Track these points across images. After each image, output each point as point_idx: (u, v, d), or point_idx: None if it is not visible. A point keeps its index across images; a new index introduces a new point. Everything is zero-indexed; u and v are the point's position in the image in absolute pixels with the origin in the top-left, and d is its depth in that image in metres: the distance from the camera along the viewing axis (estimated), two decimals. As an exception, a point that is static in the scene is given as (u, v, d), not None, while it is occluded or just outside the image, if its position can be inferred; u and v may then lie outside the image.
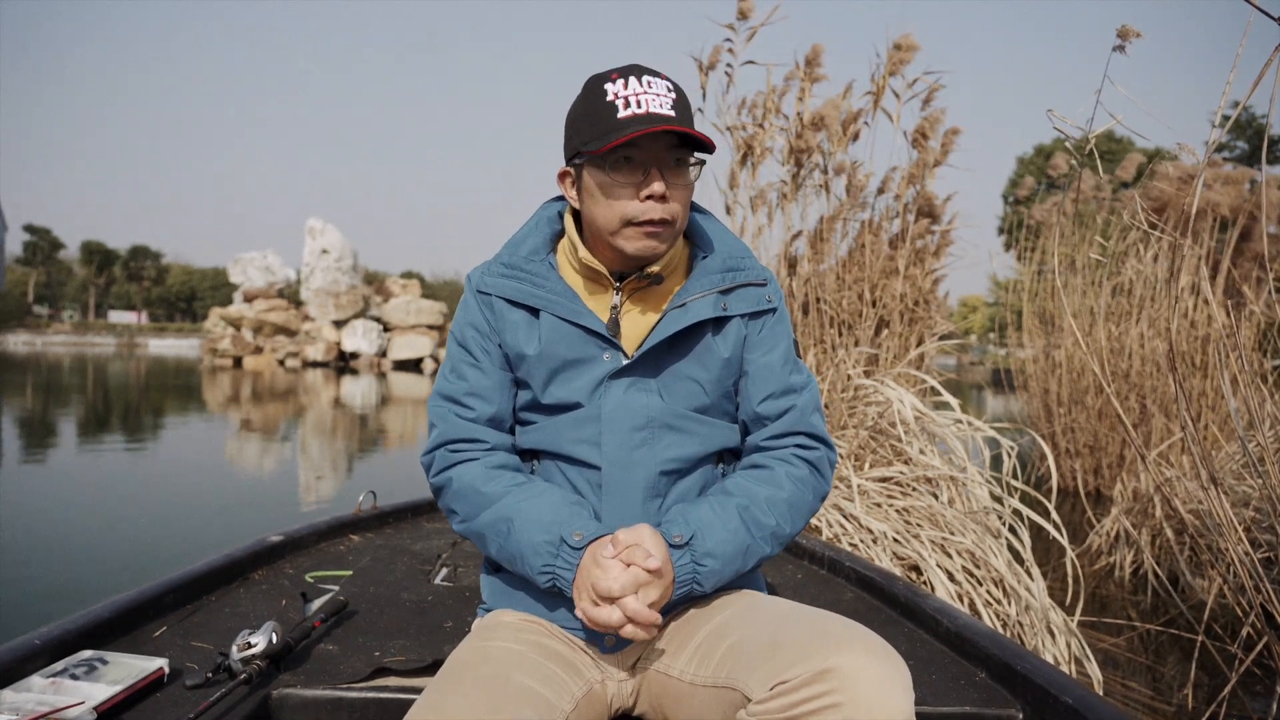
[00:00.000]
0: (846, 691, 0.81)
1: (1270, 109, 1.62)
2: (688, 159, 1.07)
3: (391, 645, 1.46)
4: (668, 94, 1.05)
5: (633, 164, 1.05)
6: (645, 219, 1.05)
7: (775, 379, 1.15)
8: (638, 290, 1.14)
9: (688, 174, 1.08)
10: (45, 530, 4.32)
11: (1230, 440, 4.29)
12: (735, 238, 1.22)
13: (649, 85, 1.04)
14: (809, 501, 1.14)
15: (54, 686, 1.15)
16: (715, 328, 1.14)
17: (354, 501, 2.38)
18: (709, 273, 1.14)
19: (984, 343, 16.25)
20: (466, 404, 1.14)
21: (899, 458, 3.43)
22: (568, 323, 1.11)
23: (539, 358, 1.12)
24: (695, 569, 1.02)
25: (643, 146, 1.04)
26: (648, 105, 1.02)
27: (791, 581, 2.01)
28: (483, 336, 1.15)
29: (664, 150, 1.05)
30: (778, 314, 1.18)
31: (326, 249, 28.22)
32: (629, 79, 1.05)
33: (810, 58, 4.29)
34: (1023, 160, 36.09)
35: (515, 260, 1.15)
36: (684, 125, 1.03)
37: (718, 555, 1.04)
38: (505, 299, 1.13)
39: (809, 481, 1.14)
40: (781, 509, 1.10)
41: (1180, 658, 2.81)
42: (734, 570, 1.06)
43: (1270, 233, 5.60)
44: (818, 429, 1.17)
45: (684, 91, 1.09)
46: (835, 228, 4.35)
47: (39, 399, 12.92)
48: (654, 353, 1.11)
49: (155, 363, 28.77)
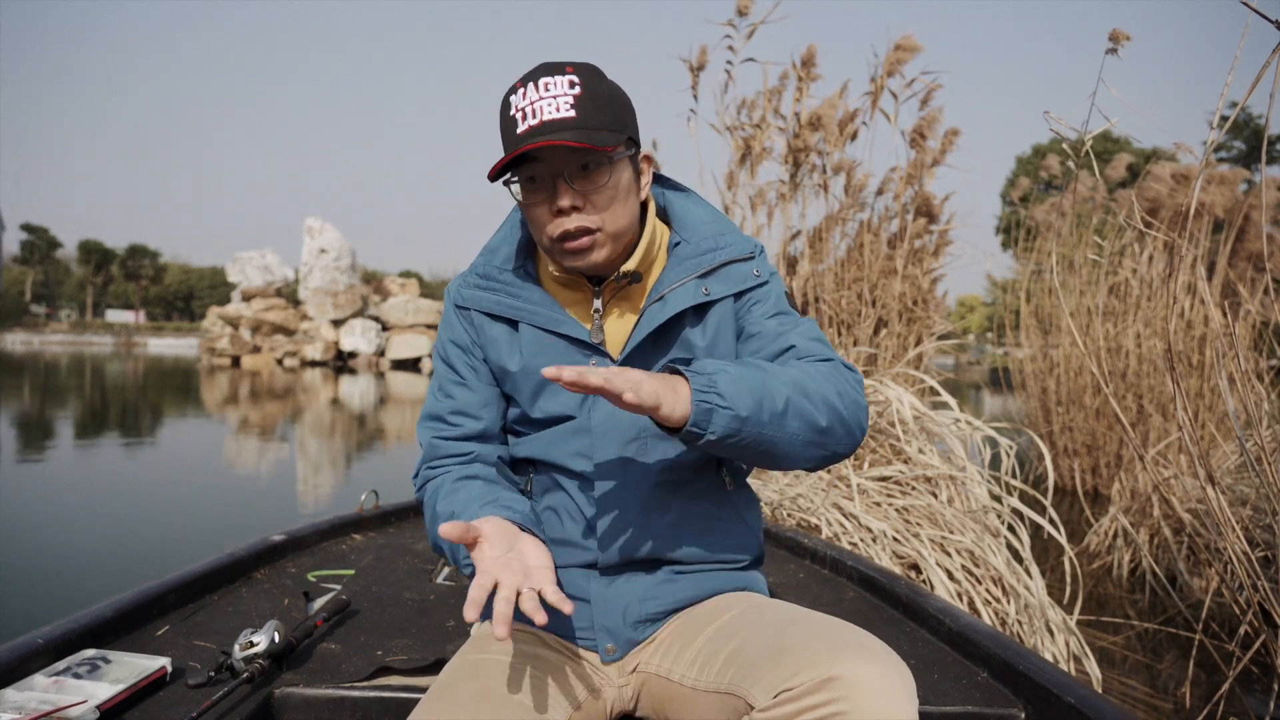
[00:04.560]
0: (851, 700, 0.80)
1: (1269, 109, 1.63)
2: (602, 159, 0.98)
3: (394, 644, 1.46)
4: (567, 93, 0.96)
5: (537, 181, 0.98)
6: (560, 234, 0.99)
7: (769, 343, 1.07)
8: (619, 291, 1.08)
9: (603, 174, 0.98)
10: (46, 530, 4.31)
11: (1227, 439, 4.30)
12: (716, 214, 1.14)
13: (545, 89, 0.96)
14: (834, 378, 1.00)
15: (56, 685, 1.15)
16: (695, 317, 1.06)
17: (356, 501, 2.38)
18: (686, 258, 1.07)
19: (981, 342, 16.27)
20: (452, 422, 1.10)
21: (898, 457, 3.44)
22: (549, 333, 1.06)
23: (523, 372, 1.07)
24: (709, 378, 0.89)
25: (544, 159, 0.96)
26: (542, 114, 0.95)
27: (793, 581, 2.01)
28: (466, 352, 1.11)
29: (566, 157, 0.96)
30: (768, 286, 1.10)
31: (325, 248, 28.18)
32: (529, 86, 0.97)
33: (806, 58, 4.29)
34: (1021, 160, 36.14)
35: (489, 270, 1.10)
36: (580, 127, 0.95)
37: (729, 371, 0.91)
38: (484, 312, 1.09)
39: (825, 369, 1.02)
40: (795, 367, 0.99)
41: (1178, 656, 2.82)
42: (758, 397, 0.91)
43: (1266, 232, 5.62)
44: (820, 353, 1.05)
45: (596, 82, 0.99)
46: (834, 228, 4.36)
47: (37, 399, 12.90)
48: (639, 354, 1.06)
49: (153, 362, 28.72)
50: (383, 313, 28.82)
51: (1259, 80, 1.64)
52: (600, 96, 0.98)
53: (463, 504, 0.99)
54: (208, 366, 24.95)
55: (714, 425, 0.89)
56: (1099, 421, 5.67)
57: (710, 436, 0.89)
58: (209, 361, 26.62)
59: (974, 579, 2.79)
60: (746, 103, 4.47)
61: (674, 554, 1.08)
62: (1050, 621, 2.56)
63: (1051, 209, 6.54)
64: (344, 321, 27.84)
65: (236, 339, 27.03)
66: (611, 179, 0.99)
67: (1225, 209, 5.26)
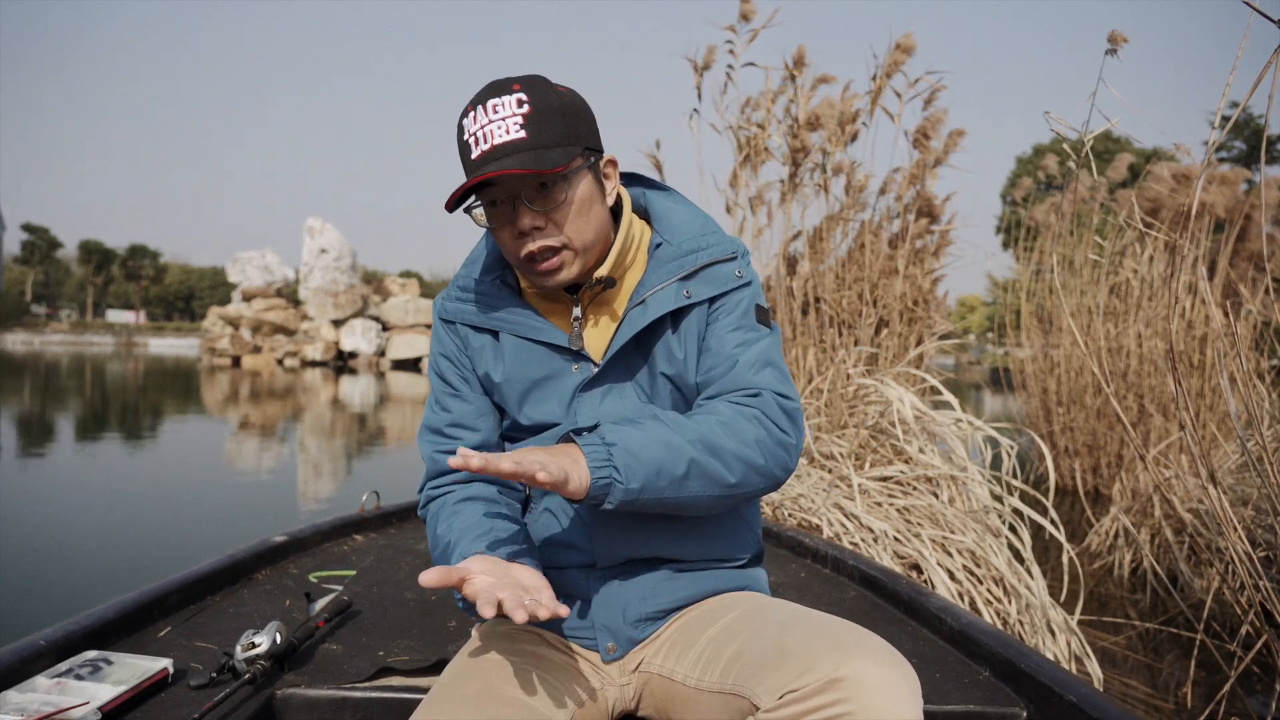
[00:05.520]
0: (856, 700, 0.80)
1: (1268, 109, 1.63)
2: (558, 178, 0.97)
3: (395, 645, 1.46)
4: (515, 113, 0.95)
5: (498, 205, 0.99)
6: (526, 255, 1.00)
7: (720, 353, 1.06)
8: (596, 296, 1.08)
9: (560, 193, 0.98)
10: (48, 531, 4.31)
11: (1229, 439, 4.30)
12: (697, 213, 1.13)
13: (494, 111, 0.95)
14: (751, 428, 1.00)
15: (59, 687, 1.15)
16: (673, 322, 1.06)
17: (357, 501, 2.38)
18: (667, 260, 1.07)
19: (982, 342, 16.27)
20: (450, 435, 1.12)
21: (899, 457, 3.44)
22: (530, 341, 1.07)
23: (507, 382, 1.09)
24: (608, 451, 0.91)
25: (499, 183, 0.97)
26: (492, 138, 0.95)
27: (795, 580, 2.01)
28: (456, 364, 1.12)
29: (521, 180, 0.97)
30: (743, 291, 1.09)
31: (325, 248, 28.19)
32: (478, 109, 0.97)
33: (796, 58, 4.29)
34: (1021, 160, 36.13)
35: (469, 283, 1.12)
36: (531, 148, 0.94)
37: (631, 439, 0.93)
38: (467, 324, 1.11)
39: (748, 413, 1.01)
40: (708, 421, 0.98)
41: (1179, 656, 2.82)
42: (656, 464, 0.93)
43: (1267, 232, 5.62)
44: (756, 383, 1.04)
45: (545, 96, 0.97)
46: (835, 228, 4.36)
47: (37, 399, 12.90)
48: (622, 357, 1.06)
49: (154, 362, 28.73)
50: (383, 313, 28.83)
51: (1260, 80, 1.64)
52: (549, 111, 0.97)
53: (458, 533, 1.01)
54: (208, 367, 24.96)
55: (611, 497, 0.92)
56: (1100, 421, 5.67)
57: (608, 506, 0.92)
58: (209, 362, 26.63)
59: (975, 579, 2.79)
60: (750, 102, 4.47)
61: (672, 552, 1.08)
62: (1051, 621, 2.56)
63: (1052, 209, 6.54)
64: (344, 321, 27.85)
65: (237, 339, 27.04)
66: (569, 194, 0.99)
67: (1226, 209, 5.26)
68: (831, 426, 3.69)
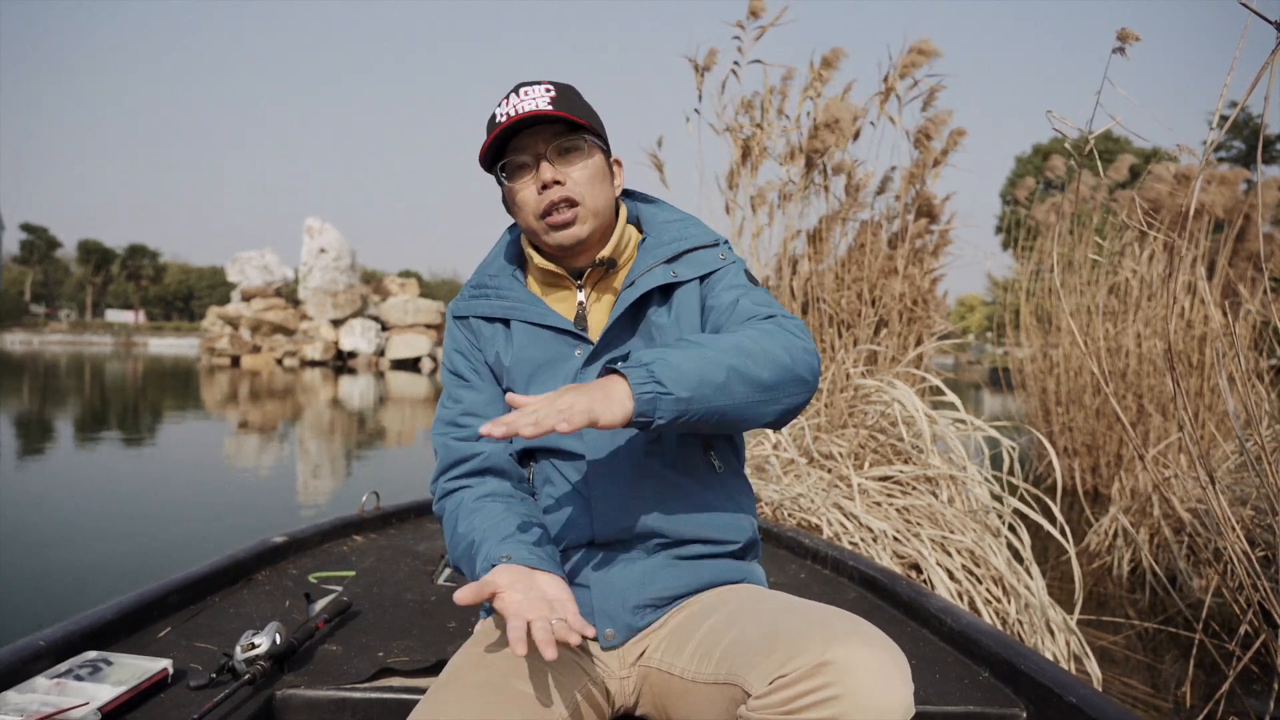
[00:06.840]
0: (845, 683, 0.81)
1: (1265, 110, 1.63)
2: (577, 143, 1.12)
3: (395, 646, 1.46)
4: (544, 94, 1.10)
5: (522, 166, 1.12)
6: (547, 205, 1.10)
7: (723, 307, 1.13)
8: (600, 281, 1.19)
9: (579, 156, 1.12)
10: (47, 531, 4.31)
11: (1228, 439, 4.30)
12: (684, 215, 1.24)
13: (525, 94, 1.11)
14: (777, 333, 1.05)
15: (59, 687, 1.15)
16: (661, 298, 1.15)
17: (356, 502, 2.38)
18: (654, 248, 1.18)
19: (981, 342, 16.27)
20: (463, 424, 1.17)
21: (899, 456, 3.44)
22: (537, 326, 1.16)
23: (515, 364, 1.17)
24: (647, 369, 0.94)
25: (524, 148, 1.11)
26: (521, 108, 1.09)
27: (794, 581, 2.01)
28: (468, 358, 1.20)
29: (546, 141, 1.11)
30: (731, 267, 1.17)
31: (324, 248, 28.19)
32: (510, 96, 1.12)
33: (828, 58, 4.30)
34: (1021, 160, 36.12)
35: (482, 280, 1.22)
36: (558, 112, 1.07)
37: (667, 357, 0.96)
38: (480, 317, 1.20)
39: (765, 326, 1.07)
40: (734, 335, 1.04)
41: (1178, 655, 2.82)
42: (698, 374, 0.95)
43: (1265, 232, 5.62)
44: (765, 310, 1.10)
45: (572, 92, 1.14)
46: (835, 227, 4.36)
47: (37, 399, 12.90)
48: (616, 335, 1.14)
49: (153, 362, 28.73)
50: (382, 313, 28.83)
51: (1258, 80, 1.64)
52: (575, 97, 1.14)
53: (481, 533, 1.05)
54: (207, 366, 24.95)
55: (660, 411, 0.94)
56: (1099, 421, 5.67)
57: (659, 422, 0.94)
58: (209, 361, 26.63)
59: (974, 579, 2.79)
60: (745, 102, 4.46)
61: (666, 529, 1.11)
62: (1051, 621, 2.56)
63: (1052, 209, 6.54)
64: (344, 321, 27.85)
65: (236, 339, 27.03)
66: (588, 160, 1.13)
67: (1225, 209, 5.26)
68: (831, 426, 3.69)
